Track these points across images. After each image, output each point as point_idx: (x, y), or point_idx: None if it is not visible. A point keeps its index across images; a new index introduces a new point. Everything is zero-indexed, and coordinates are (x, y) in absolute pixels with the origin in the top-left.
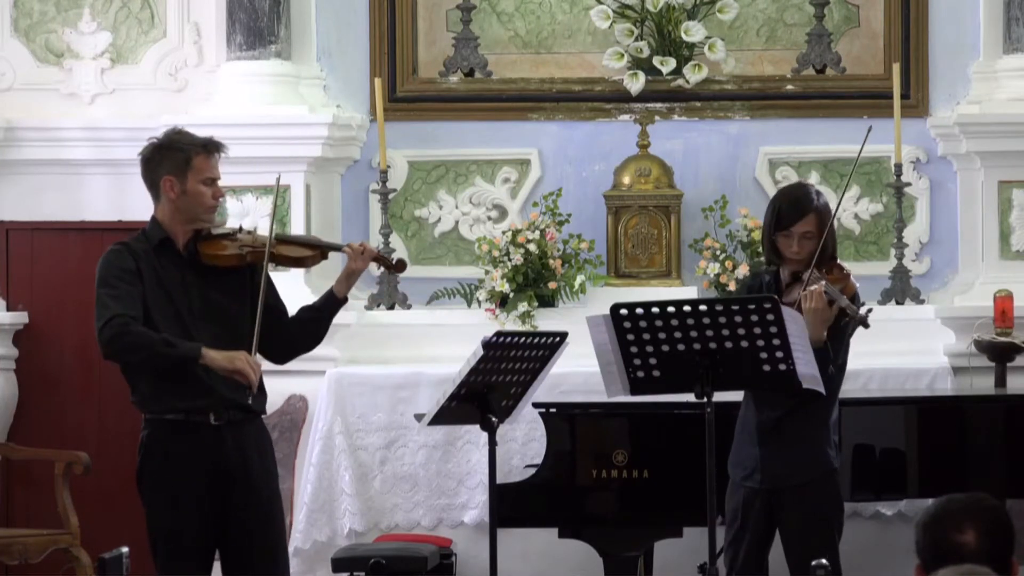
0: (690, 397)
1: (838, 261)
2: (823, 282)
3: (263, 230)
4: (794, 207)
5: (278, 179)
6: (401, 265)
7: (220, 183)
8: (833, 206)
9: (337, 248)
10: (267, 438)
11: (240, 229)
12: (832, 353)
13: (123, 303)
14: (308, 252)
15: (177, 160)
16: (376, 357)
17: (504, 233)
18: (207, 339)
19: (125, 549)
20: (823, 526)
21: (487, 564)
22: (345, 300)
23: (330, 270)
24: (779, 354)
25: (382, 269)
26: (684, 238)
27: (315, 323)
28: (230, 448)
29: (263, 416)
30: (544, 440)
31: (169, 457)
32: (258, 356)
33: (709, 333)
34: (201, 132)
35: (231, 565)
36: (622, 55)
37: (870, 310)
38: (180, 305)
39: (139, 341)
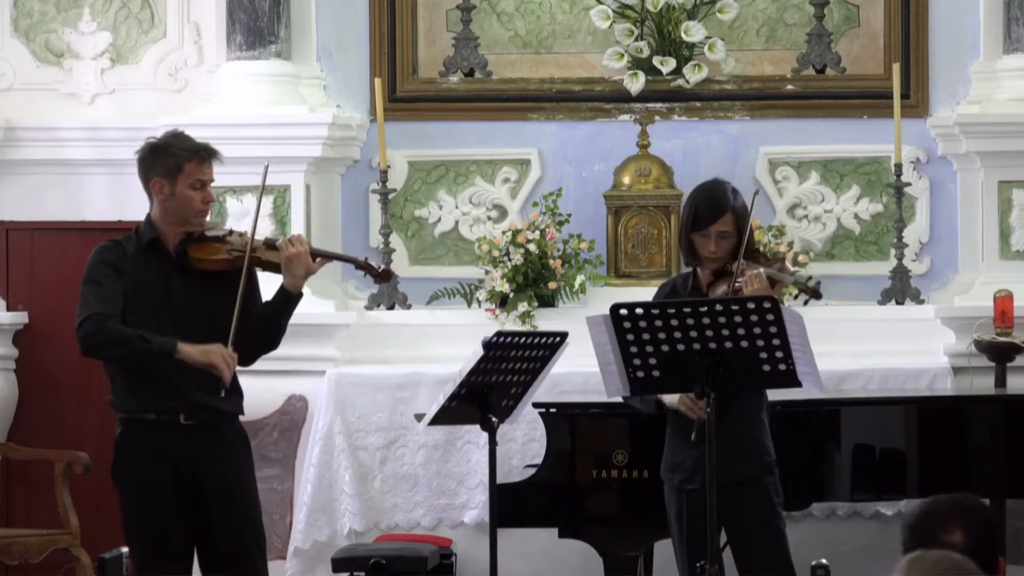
0: None
1: (759, 249)
2: (760, 269)
3: (258, 232)
4: (711, 207)
5: (264, 176)
6: (388, 274)
7: (217, 183)
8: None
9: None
10: (243, 439)
11: (231, 232)
12: None
13: (103, 301)
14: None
15: (168, 164)
16: (376, 357)
17: (504, 233)
18: (187, 336)
19: (125, 549)
20: (770, 523)
21: (487, 564)
22: (299, 296)
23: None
24: (779, 354)
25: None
26: None
27: (267, 321)
28: (202, 448)
29: (240, 416)
30: (544, 440)
31: (141, 456)
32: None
33: (709, 333)
34: (201, 132)
35: (207, 565)
36: (622, 55)
37: (819, 282)
38: (160, 306)
39: (115, 337)
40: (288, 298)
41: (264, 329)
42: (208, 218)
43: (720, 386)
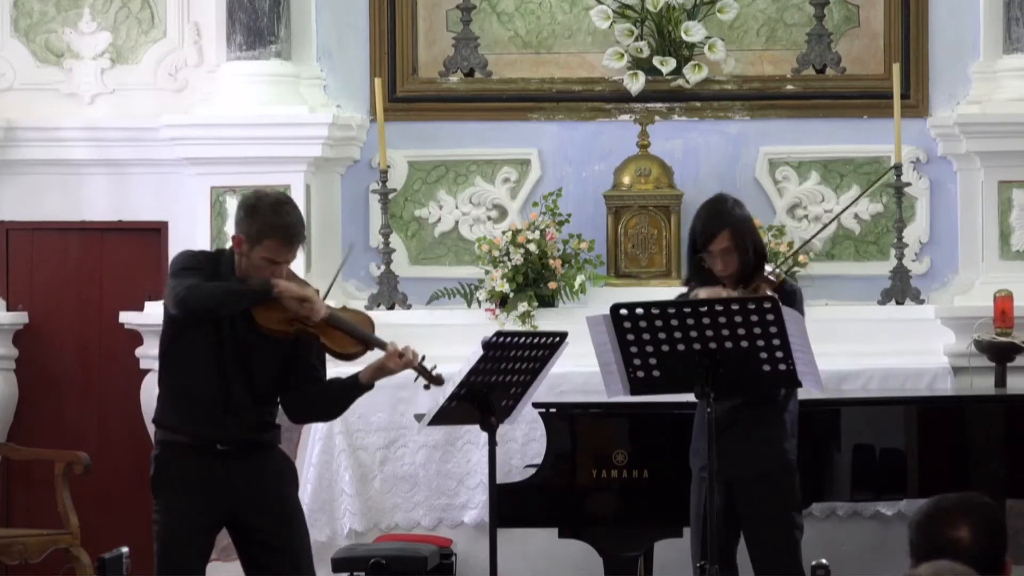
0: (690, 397)
1: (766, 272)
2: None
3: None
4: (707, 227)
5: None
6: (440, 380)
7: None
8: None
9: (382, 346)
10: (283, 465)
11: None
12: None
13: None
14: (353, 349)
15: (252, 230)
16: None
17: (504, 233)
18: (238, 382)
19: (125, 549)
20: (782, 522)
21: (487, 564)
22: (371, 387)
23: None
24: (779, 354)
25: (418, 378)
26: (684, 238)
27: (334, 402)
28: (238, 473)
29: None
30: (544, 440)
31: (177, 475)
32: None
33: (709, 333)
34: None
35: None
36: (622, 55)
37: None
38: (225, 340)
39: (209, 290)
40: (361, 387)
41: (330, 406)
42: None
43: (720, 386)
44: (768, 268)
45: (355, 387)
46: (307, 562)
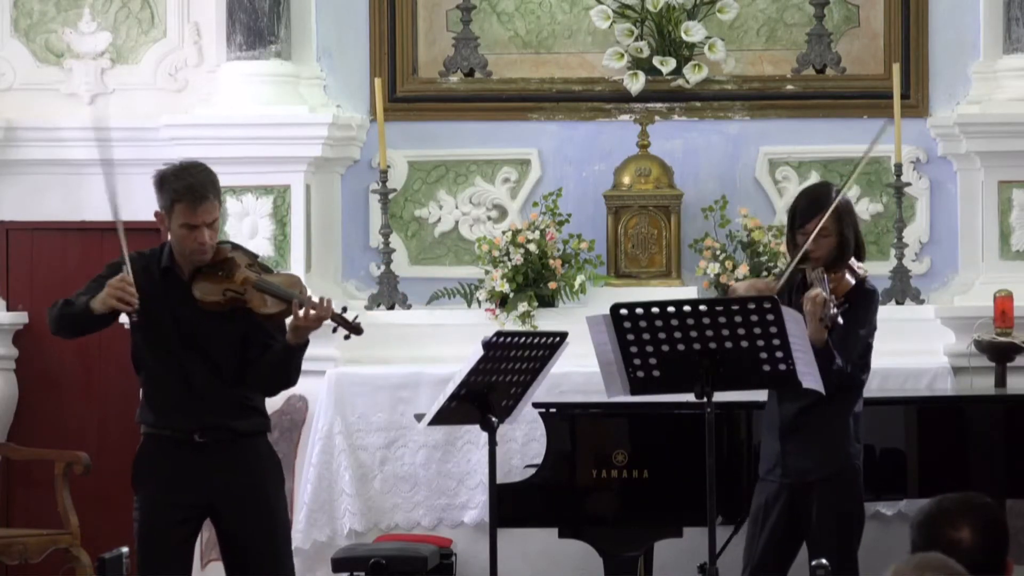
0: (690, 397)
1: (853, 264)
2: (819, 290)
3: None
4: (809, 206)
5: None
6: (359, 329)
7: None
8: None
9: (291, 301)
10: (265, 457)
11: (230, 271)
12: (841, 351)
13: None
14: (275, 309)
15: (164, 200)
16: (376, 357)
17: (504, 233)
18: (196, 364)
19: (125, 549)
20: (842, 524)
21: (487, 564)
22: (301, 345)
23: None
24: (779, 354)
25: (336, 329)
26: (684, 238)
27: (278, 368)
28: (216, 465)
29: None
30: (544, 440)
31: (154, 468)
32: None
33: (709, 333)
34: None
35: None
36: (622, 55)
37: (837, 312)
38: (169, 332)
39: (54, 312)
40: (292, 349)
41: (276, 374)
42: (209, 254)
43: (720, 386)
44: (857, 264)
45: (287, 350)
46: (286, 561)
